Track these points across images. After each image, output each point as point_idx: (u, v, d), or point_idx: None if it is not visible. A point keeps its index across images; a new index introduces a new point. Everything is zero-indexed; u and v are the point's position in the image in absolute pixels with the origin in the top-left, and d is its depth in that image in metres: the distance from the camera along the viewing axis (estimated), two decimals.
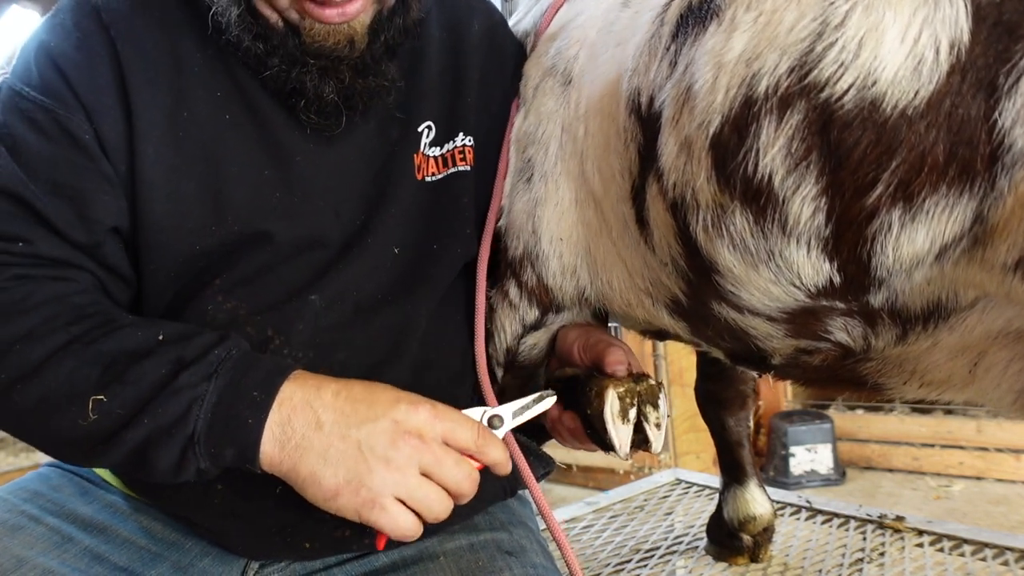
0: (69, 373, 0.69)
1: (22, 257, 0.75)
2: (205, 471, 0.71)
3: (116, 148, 0.79)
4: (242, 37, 0.78)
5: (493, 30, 1.02)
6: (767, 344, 0.77)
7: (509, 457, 0.78)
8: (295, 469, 0.70)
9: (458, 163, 0.93)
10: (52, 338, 0.70)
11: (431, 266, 0.90)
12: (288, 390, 0.71)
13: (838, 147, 0.57)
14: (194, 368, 0.70)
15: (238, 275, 0.82)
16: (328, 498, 0.70)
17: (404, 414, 0.72)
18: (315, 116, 0.82)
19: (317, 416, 0.70)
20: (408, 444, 0.71)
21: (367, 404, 0.72)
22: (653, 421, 0.82)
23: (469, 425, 0.75)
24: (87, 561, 0.81)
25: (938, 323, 0.64)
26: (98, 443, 0.69)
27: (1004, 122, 0.51)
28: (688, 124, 0.66)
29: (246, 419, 0.69)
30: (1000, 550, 1.33)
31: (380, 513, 0.70)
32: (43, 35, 0.81)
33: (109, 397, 0.68)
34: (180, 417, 0.68)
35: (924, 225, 0.56)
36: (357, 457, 0.69)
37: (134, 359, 0.70)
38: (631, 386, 0.82)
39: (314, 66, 0.79)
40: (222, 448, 0.69)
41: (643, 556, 1.43)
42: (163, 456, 0.69)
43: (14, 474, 3.30)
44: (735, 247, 0.66)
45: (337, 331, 0.84)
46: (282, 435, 0.69)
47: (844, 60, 0.56)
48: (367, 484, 0.69)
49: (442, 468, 0.72)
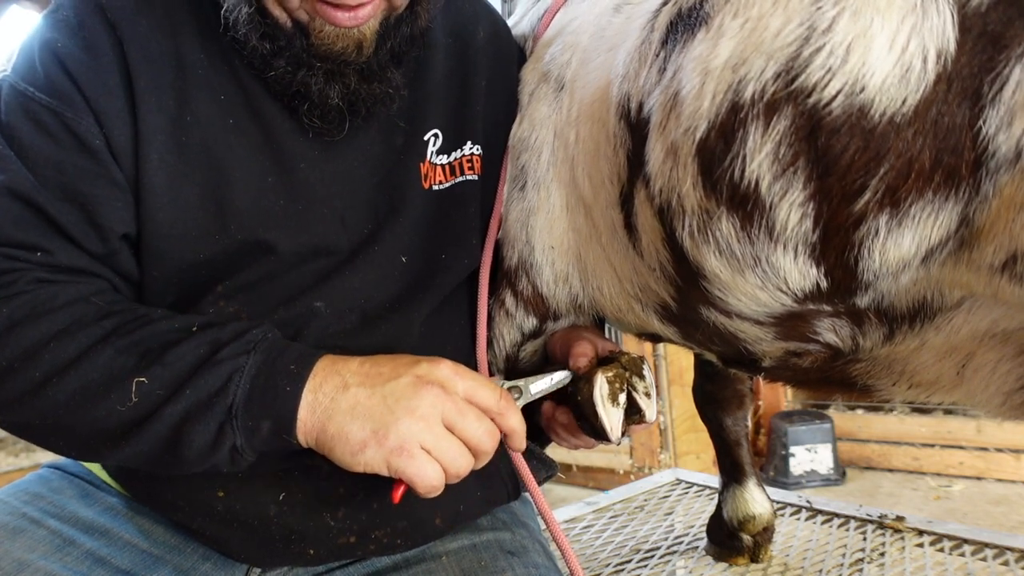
0: (107, 362, 0.70)
1: (40, 266, 0.75)
2: (240, 451, 0.71)
3: (124, 153, 0.77)
4: (249, 36, 0.77)
5: (497, 36, 1.01)
6: (756, 347, 0.78)
7: (525, 429, 0.78)
8: (324, 430, 0.70)
9: (466, 172, 0.92)
10: (86, 332, 0.71)
11: (438, 275, 0.90)
12: (321, 363, 0.73)
13: (826, 153, 0.57)
14: (232, 345, 0.72)
15: (240, 282, 0.81)
16: (356, 451, 0.70)
17: (426, 369, 0.73)
18: (318, 120, 0.81)
19: (344, 380, 0.72)
20: (431, 392, 0.71)
21: (390, 366, 0.74)
22: (642, 391, 0.84)
23: (491, 386, 0.76)
24: (88, 564, 0.81)
25: (924, 322, 0.65)
26: (134, 426, 0.70)
27: (988, 129, 0.52)
28: (675, 130, 0.67)
29: (284, 387, 0.70)
30: (1000, 550, 1.33)
31: (408, 460, 0.69)
32: (47, 32, 0.78)
33: (150, 378, 0.69)
34: (220, 388, 0.69)
35: (911, 230, 0.57)
36: (383, 409, 0.70)
37: (171, 344, 0.71)
38: (619, 371, 0.83)
39: (320, 69, 0.78)
40: (259, 420, 0.70)
41: (643, 556, 1.43)
42: (200, 432, 0.69)
43: (14, 474, 3.30)
44: (721, 253, 0.67)
45: (343, 339, 0.84)
46: (314, 400, 0.71)
47: (832, 65, 0.56)
48: (393, 432, 0.69)
49: (465, 420, 0.72)
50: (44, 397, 0.69)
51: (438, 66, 0.93)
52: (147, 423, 0.69)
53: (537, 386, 0.83)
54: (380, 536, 0.85)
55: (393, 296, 0.87)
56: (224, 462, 0.72)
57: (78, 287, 0.75)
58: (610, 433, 0.82)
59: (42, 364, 0.69)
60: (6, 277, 0.72)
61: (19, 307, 0.71)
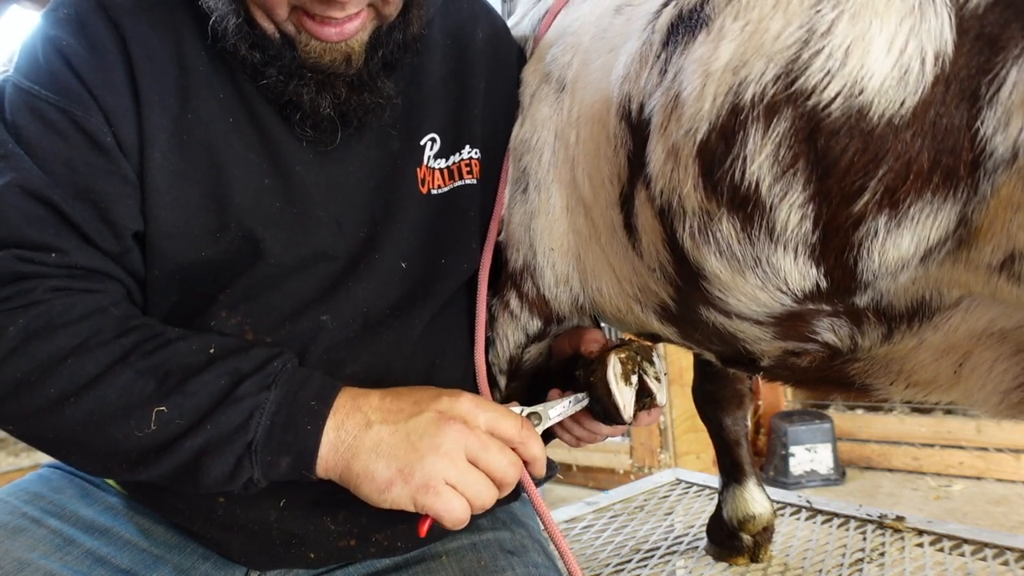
0: (126, 386, 0.70)
1: (56, 268, 0.74)
2: (255, 482, 0.72)
3: (131, 151, 0.77)
4: (239, 46, 0.77)
5: (496, 37, 1.00)
6: (755, 347, 0.78)
7: (545, 456, 0.78)
8: (349, 468, 0.71)
9: (464, 176, 0.92)
10: (105, 351, 0.70)
11: (438, 281, 0.90)
12: (341, 399, 0.73)
13: (825, 155, 0.58)
14: (253, 379, 0.72)
15: (242, 289, 0.81)
16: (382, 490, 0.71)
17: (447, 404, 0.74)
18: (311, 130, 0.81)
19: (367, 417, 0.72)
20: (453, 429, 0.72)
21: (411, 402, 0.74)
22: (652, 375, 0.86)
23: (512, 416, 0.76)
24: (89, 563, 0.82)
25: (923, 322, 0.66)
26: (151, 453, 0.70)
27: (986, 130, 0.53)
28: (676, 131, 0.67)
29: (305, 425, 0.71)
30: (1000, 550, 1.34)
31: (435, 497, 0.70)
32: (50, 29, 0.78)
33: (170, 408, 0.69)
34: (241, 425, 0.70)
35: (909, 230, 0.57)
36: (407, 447, 0.71)
37: (191, 371, 0.71)
38: (631, 354, 0.85)
39: (311, 79, 0.78)
40: (279, 456, 0.71)
41: (643, 556, 1.44)
42: (217, 465, 0.70)
43: (14, 474, 3.30)
44: (722, 253, 0.67)
45: (346, 347, 0.84)
46: (336, 439, 0.71)
47: (831, 68, 0.57)
48: (419, 469, 0.70)
49: (488, 454, 0.72)
50: (60, 413, 0.69)
51: (436, 69, 0.92)
52: (165, 452, 0.70)
53: (556, 410, 0.84)
54: (380, 539, 0.86)
55: (393, 302, 0.87)
56: (238, 489, 0.73)
57: (95, 297, 0.74)
58: (623, 411, 0.83)
59: (59, 380, 0.69)
60: (23, 284, 0.72)
61: (36, 317, 0.70)
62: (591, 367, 0.85)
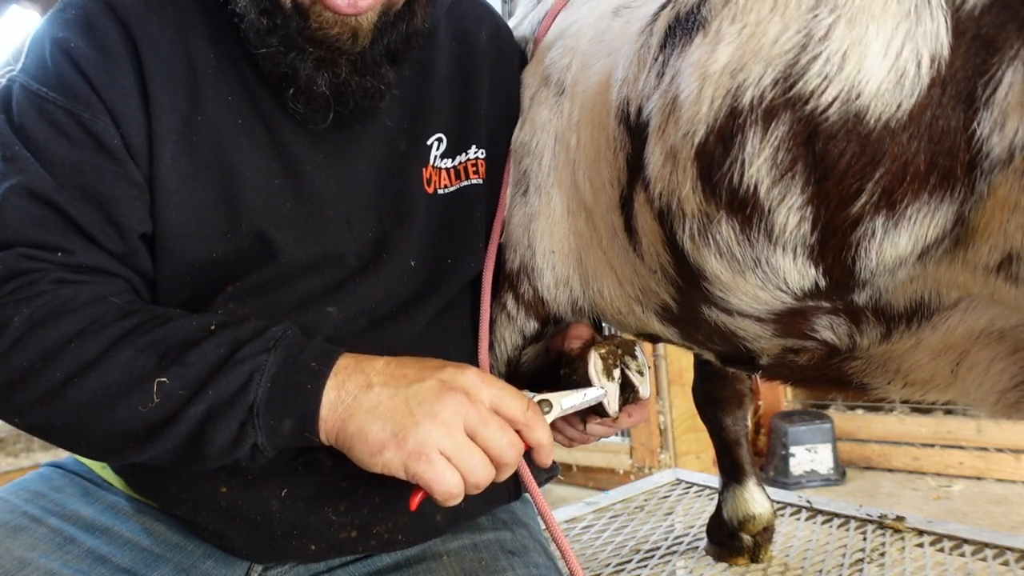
0: (127, 363, 0.70)
1: (60, 266, 0.75)
2: (261, 448, 0.71)
3: (140, 153, 0.77)
4: (248, 9, 0.76)
5: (498, 37, 1.01)
6: (755, 345, 0.79)
7: (552, 444, 0.77)
8: (344, 428, 0.70)
9: (471, 176, 0.93)
10: (106, 332, 0.71)
11: (445, 279, 0.90)
12: (343, 361, 0.72)
13: (823, 158, 0.58)
14: (252, 344, 0.71)
15: (250, 285, 0.81)
16: (374, 452, 0.70)
17: (451, 375, 0.72)
18: (302, 107, 0.80)
19: (369, 379, 0.71)
20: (454, 399, 0.70)
21: (416, 369, 0.73)
22: (635, 369, 0.87)
23: (519, 396, 0.74)
24: (89, 562, 0.82)
25: (921, 322, 0.66)
26: (156, 427, 0.70)
27: (983, 131, 0.53)
28: (674, 134, 0.67)
29: (305, 385, 0.70)
30: (1000, 550, 1.34)
31: (427, 466, 0.69)
32: (58, 31, 0.78)
33: (171, 379, 0.69)
34: (241, 387, 0.69)
35: (907, 230, 0.58)
36: (404, 412, 0.70)
37: (191, 344, 0.71)
38: (612, 348, 0.86)
39: (311, 55, 0.77)
40: (281, 418, 0.70)
41: (643, 556, 1.44)
42: (221, 431, 0.69)
43: (14, 474, 3.30)
44: (722, 255, 0.67)
45: (349, 340, 0.83)
46: (336, 398, 0.70)
47: (828, 73, 0.57)
48: (413, 436, 0.69)
49: (487, 429, 0.71)
50: (65, 397, 0.69)
51: (442, 69, 0.93)
52: (169, 424, 0.69)
53: (569, 401, 0.81)
54: (381, 531, 0.86)
55: (401, 300, 0.87)
56: (245, 458, 0.72)
57: (97, 287, 0.75)
58: (607, 406, 0.83)
59: (63, 364, 0.69)
60: (27, 277, 0.72)
61: (40, 307, 0.71)
62: (574, 364, 0.86)
